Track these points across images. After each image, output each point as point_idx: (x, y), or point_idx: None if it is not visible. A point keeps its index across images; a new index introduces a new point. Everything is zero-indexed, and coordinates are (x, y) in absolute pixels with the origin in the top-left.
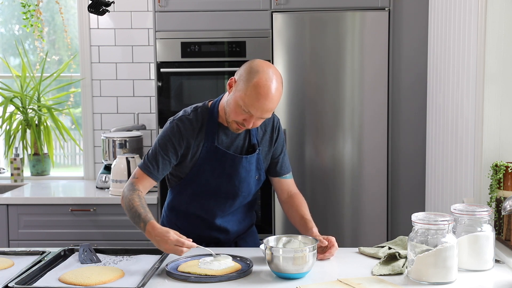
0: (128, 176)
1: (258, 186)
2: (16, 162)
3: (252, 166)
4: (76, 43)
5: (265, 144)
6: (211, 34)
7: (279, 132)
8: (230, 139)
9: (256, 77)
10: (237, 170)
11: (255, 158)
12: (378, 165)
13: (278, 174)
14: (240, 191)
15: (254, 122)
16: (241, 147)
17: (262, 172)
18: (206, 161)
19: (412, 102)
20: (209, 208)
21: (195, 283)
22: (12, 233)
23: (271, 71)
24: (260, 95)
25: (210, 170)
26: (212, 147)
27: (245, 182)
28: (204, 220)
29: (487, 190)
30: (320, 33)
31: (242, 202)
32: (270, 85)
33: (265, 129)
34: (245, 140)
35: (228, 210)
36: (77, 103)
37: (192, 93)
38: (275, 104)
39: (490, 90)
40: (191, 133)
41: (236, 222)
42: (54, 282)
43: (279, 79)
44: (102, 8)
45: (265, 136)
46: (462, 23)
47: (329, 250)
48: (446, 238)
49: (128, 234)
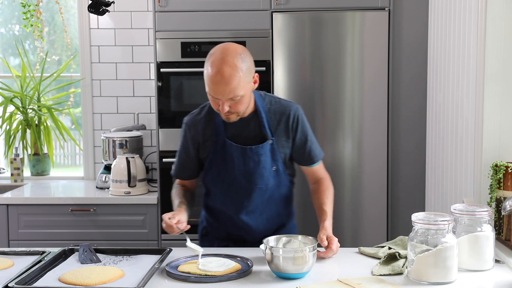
0: (128, 176)
1: (279, 179)
2: (16, 162)
3: (262, 157)
4: (76, 43)
5: (281, 134)
6: (211, 34)
7: (298, 121)
8: (240, 130)
9: (208, 61)
10: (244, 161)
11: (266, 149)
12: (378, 165)
13: (307, 163)
14: (253, 183)
15: (232, 106)
16: (251, 137)
17: (280, 164)
18: (217, 155)
19: (412, 102)
20: (229, 202)
21: (195, 283)
22: (12, 233)
23: (224, 51)
24: (213, 77)
25: (221, 163)
26: (220, 140)
27: (256, 174)
28: (229, 216)
29: (487, 190)
30: (320, 33)
31: (264, 196)
32: (220, 65)
33: (280, 118)
34: (256, 130)
35: (249, 204)
36: (77, 103)
37: (192, 93)
38: (235, 83)
39: (490, 90)
40: (196, 129)
41: (263, 221)
42: (54, 282)
43: (235, 56)
44: (102, 8)
45: (280, 126)
46: (462, 23)
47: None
48: (446, 238)
49: (128, 234)
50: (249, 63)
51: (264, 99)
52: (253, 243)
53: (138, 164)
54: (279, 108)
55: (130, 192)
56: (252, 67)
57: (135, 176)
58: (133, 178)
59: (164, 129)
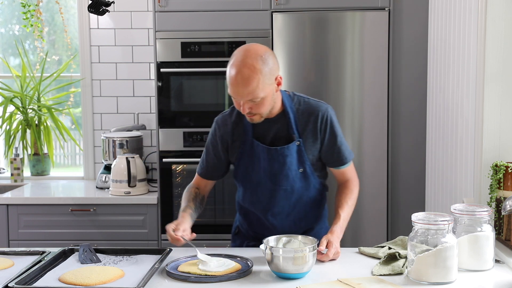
0: (128, 176)
1: (306, 182)
2: (16, 162)
3: (288, 158)
4: (76, 43)
5: (309, 135)
6: (211, 34)
7: (327, 122)
8: (267, 130)
9: (230, 62)
10: (269, 162)
11: (293, 150)
12: (378, 165)
13: (336, 165)
14: (277, 184)
15: (253, 107)
16: (280, 138)
17: (307, 166)
18: (244, 155)
19: (412, 102)
20: (256, 202)
21: (195, 283)
22: (12, 233)
23: (244, 53)
24: (232, 79)
25: (248, 163)
26: (249, 140)
27: (281, 175)
28: (257, 216)
29: (487, 190)
30: (320, 33)
31: (290, 198)
32: (239, 66)
33: (308, 119)
34: (283, 131)
35: (274, 205)
36: (77, 103)
37: (192, 93)
38: (254, 85)
39: (490, 90)
40: (225, 129)
41: (289, 222)
42: (54, 282)
43: (256, 57)
44: (102, 8)
45: (308, 127)
46: (462, 23)
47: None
48: (446, 238)
49: (128, 234)
50: (271, 65)
51: (293, 99)
52: None
53: (138, 164)
54: (307, 108)
55: (130, 192)
56: (275, 69)
57: (135, 176)
58: (133, 178)
59: (164, 129)
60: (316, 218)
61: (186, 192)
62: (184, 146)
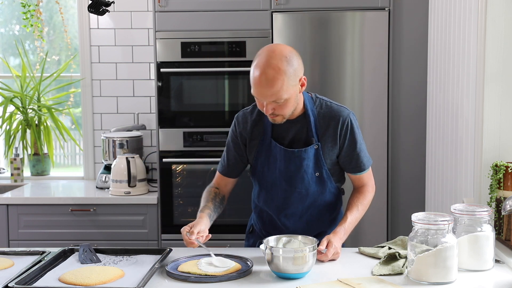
0: (128, 176)
1: (322, 186)
2: (16, 162)
3: (305, 161)
4: (76, 43)
5: (328, 140)
6: (211, 34)
7: (348, 128)
8: (286, 132)
9: (255, 62)
10: (286, 164)
11: (311, 153)
12: (378, 165)
13: (353, 171)
14: (292, 186)
15: (276, 109)
16: (299, 140)
17: (324, 170)
18: (262, 154)
19: (412, 102)
20: (271, 202)
21: (195, 283)
22: (12, 233)
23: (270, 53)
24: (256, 80)
25: (265, 163)
26: (267, 140)
27: (296, 178)
28: (270, 216)
29: (487, 190)
30: (320, 33)
31: (304, 201)
32: (264, 67)
33: (329, 123)
34: (303, 133)
35: (287, 207)
36: (77, 103)
37: (192, 93)
38: (278, 86)
39: (490, 90)
40: (245, 126)
41: (301, 225)
42: (54, 282)
43: (281, 58)
44: (102, 8)
45: (328, 131)
46: (462, 23)
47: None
48: (446, 238)
49: (128, 234)
50: (296, 66)
51: (315, 101)
52: None
53: (138, 164)
54: (329, 112)
55: (130, 192)
56: (299, 69)
57: (135, 176)
58: (133, 178)
59: (164, 129)
60: (331, 221)
61: (205, 192)
62: (184, 146)
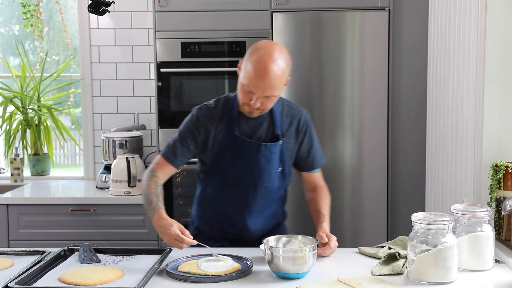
0: (128, 176)
1: (283, 181)
2: (16, 162)
3: (273, 155)
4: (76, 43)
5: (290, 137)
6: (211, 34)
7: (308, 126)
8: (252, 128)
9: (255, 55)
10: (256, 158)
11: (277, 148)
12: (378, 165)
13: (308, 169)
14: (260, 180)
15: (263, 103)
16: (264, 136)
17: (286, 165)
18: (226, 150)
19: (412, 102)
20: (233, 200)
21: (195, 283)
22: (12, 233)
23: (271, 49)
24: (258, 72)
25: (230, 159)
26: (232, 135)
27: (265, 172)
28: (228, 215)
29: (487, 190)
30: (320, 33)
31: (268, 196)
32: (267, 61)
33: (291, 121)
34: (268, 130)
35: (252, 203)
36: (77, 103)
37: (192, 93)
38: (276, 82)
39: (490, 90)
40: (210, 120)
41: (261, 220)
42: (54, 282)
43: (280, 56)
44: (102, 8)
45: (290, 128)
46: (462, 23)
47: (323, 249)
48: (446, 238)
49: (128, 234)
50: (289, 66)
51: (278, 100)
52: (250, 243)
53: (138, 164)
54: (290, 111)
55: (130, 192)
56: (289, 70)
57: (135, 176)
58: (133, 178)
59: (164, 129)
60: (283, 215)
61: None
62: None
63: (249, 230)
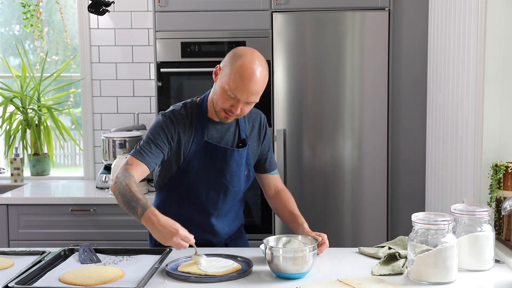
0: None
1: (247, 184)
2: (16, 162)
3: (242, 160)
4: (76, 43)
5: (254, 140)
6: (211, 34)
7: (266, 129)
8: (220, 133)
9: (240, 61)
10: (228, 163)
11: (245, 152)
12: (378, 165)
13: (267, 170)
14: (231, 185)
15: (242, 109)
16: (231, 141)
17: (251, 168)
18: (196, 156)
19: (412, 102)
20: (202, 206)
21: (195, 283)
22: (12, 233)
23: (255, 55)
24: (244, 77)
25: (200, 165)
26: (202, 141)
27: (236, 176)
28: (197, 221)
29: (487, 190)
30: (320, 33)
31: (234, 199)
32: (254, 67)
33: (253, 125)
34: (235, 135)
35: (221, 207)
36: (77, 103)
37: (192, 93)
38: (260, 87)
39: (490, 90)
40: (182, 127)
41: (228, 223)
42: (54, 282)
43: (263, 63)
44: (102, 8)
45: (253, 132)
46: (462, 23)
47: (319, 248)
48: (446, 238)
49: (128, 234)
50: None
51: None
52: (219, 245)
53: None
54: (250, 115)
55: None
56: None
57: None
58: None
59: None
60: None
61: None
62: None
63: (217, 233)
